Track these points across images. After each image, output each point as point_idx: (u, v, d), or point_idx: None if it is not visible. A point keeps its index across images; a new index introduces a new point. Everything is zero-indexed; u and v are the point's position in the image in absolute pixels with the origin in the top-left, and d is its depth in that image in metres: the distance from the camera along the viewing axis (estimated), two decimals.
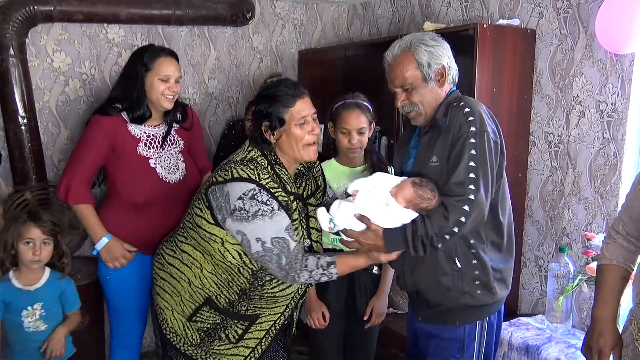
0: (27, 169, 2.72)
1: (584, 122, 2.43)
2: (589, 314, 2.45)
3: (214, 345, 1.88)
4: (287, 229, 1.73)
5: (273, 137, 1.78)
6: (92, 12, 2.81)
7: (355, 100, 2.18)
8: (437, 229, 1.65)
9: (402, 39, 1.82)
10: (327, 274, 1.74)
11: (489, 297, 1.80)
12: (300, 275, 1.74)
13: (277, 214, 1.71)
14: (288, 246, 1.71)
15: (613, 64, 2.31)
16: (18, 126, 2.68)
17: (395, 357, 2.64)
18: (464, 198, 1.64)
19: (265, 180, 1.73)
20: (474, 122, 1.67)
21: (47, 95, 2.94)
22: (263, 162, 1.78)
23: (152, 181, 2.25)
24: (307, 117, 1.78)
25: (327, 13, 3.72)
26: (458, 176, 1.66)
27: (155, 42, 3.12)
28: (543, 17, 2.55)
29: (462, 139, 1.67)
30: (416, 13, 3.23)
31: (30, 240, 2.09)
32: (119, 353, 2.45)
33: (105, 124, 2.23)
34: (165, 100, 2.25)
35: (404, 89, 1.79)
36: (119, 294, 2.35)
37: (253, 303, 1.85)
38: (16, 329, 2.13)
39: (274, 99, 1.77)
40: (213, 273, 1.84)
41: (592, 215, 2.42)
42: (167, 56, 2.27)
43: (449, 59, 1.79)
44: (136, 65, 2.25)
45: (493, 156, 1.69)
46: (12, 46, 2.61)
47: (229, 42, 3.39)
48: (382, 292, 2.29)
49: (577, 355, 2.18)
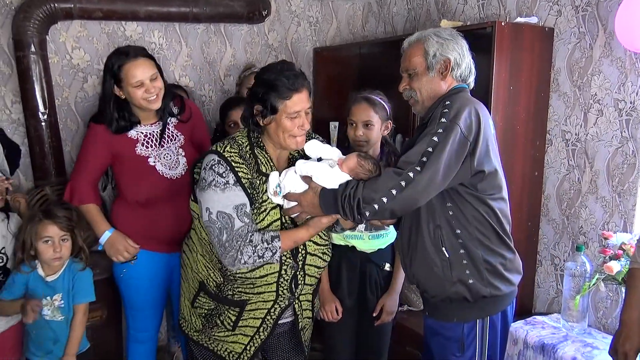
0: (46, 164, 2.75)
1: (602, 121, 2.41)
2: (605, 314, 2.44)
3: (214, 331, 1.92)
4: (237, 208, 1.73)
5: (262, 121, 1.80)
6: (111, 10, 2.84)
7: (366, 95, 2.18)
8: (365, 193, 1.65)
9: (424, 30, 1.87)
10: (271, 248, 1.74)
11: (484, 289, 1.77)
12: (243, 252, 1.71)
13: (230, 188, 1.73)
14: (232, 224, 1.71)
15: (632, 62, 2.29)
16: (38, 122, 2.71)
17: (409, 354, 2.64)
18: (404, 173, 1.63)
19: (229, 153, 1.76)
20: (447, 114, 1.67)
21: (66, 91, 2.97)
22: (242, 141, 1.82)
23: (153, 179, 2.26)
24: (300, 112, 1.78)
25: (342, 10, 3.72)
26: (409, 156, 1.66)
27: (172, 40, 3.17)
28: (561, 15, 2.53)
29: (431, 127, 1.68)
30: (432, 11, 3.22)
31: (48, 238, 2.12)
32: (135, 348, 2.48)
33: (100, 132, 2.25)
34: (149, 103, 2.19)
35: (408, 74, 1.84)
36: (133, 291, 2.37)
37: (237, 287, 1.85)
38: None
39: (272, 87, 1.76)
40: (202, 255, 1.91)
41: (610, 214, 2.41)
42: (132, 60, 2.16)
43: (459, 55, 1.80)
44: (105, 80, 2.22)
45: (455, 150, 1.65)
46: (33, 43, 2.65)
47: (245, 40, 3.41)
48: (393, 290, 2.29)
49: (594, 354, 2.18)
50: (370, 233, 2.20)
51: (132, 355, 2.48)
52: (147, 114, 2.28)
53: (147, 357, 2.50)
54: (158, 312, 2.47)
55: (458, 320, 1.81)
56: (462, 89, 1.81)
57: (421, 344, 2.56)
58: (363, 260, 2.22)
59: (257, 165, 1.81)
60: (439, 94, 1.80)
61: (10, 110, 2.83)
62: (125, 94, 2.19)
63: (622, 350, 1.63)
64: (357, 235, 2.20)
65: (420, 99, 1.82)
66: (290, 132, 1.79)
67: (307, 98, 1.80)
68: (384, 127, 2.19)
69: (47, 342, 2.18)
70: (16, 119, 2.83)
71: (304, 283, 1.93)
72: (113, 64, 2.17)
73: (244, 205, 1.75)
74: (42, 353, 2.19)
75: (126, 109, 2.24)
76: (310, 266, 1.92)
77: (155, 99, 2.20)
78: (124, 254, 2.27)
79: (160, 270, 2.37)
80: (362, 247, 2.21)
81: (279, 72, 1.77)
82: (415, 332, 2.63)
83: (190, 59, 3.25)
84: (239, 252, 1.71)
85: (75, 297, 2.20)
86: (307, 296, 2.01)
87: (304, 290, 1.97)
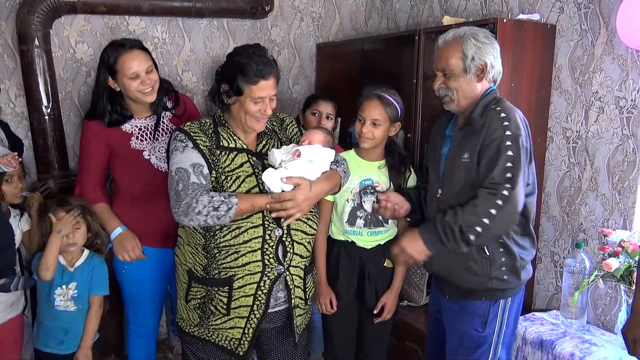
0: (50, 158, 2.76)
1: (603, 118, 2.41)
2: (604, 310, 2.45)
3: (211, 321, 1.94)
4: (194, 165, 1.83)
5: (227, 100, 1.89)
6: (114, 4, 2.85)
7: (380, 93, 2.17)
8: (466, 219, 1.75)
9: (458, 28, 1.92)
10: (227, 202, 1.77)
11: (515, 281, 1.92)
12: (199, 200, 1.75)
13: (188, 150, 1.86)
14: (188, 177, 1.81)
15: (634, 60, 2.29)
16: (42, 116, 2.72)
17: (409, 349, 2.66)
18: (498, 193, 1.74)
19: (189, 127, 1.92)
20: (509, 127, 1.78)
21: (70, 85, 2.99)
22: (207, 121, 1.96)
23: (148, 172, 2.28)
24: (264, 98, 1.86)
25: (345, 6, 3.72)
26: (495, 177, 1.76)
27: (175, 35, 3.18)
28: (563, 12, 2.53)
29: (497, 141, 1.78)
30: (435, 7, 3.22)
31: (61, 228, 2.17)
32: (135, 342, 2.50)
33: (94, 128, 2.28)
34: (144, 95, 2.21)
35: (444, 73, 1.90)
36: (134, 286, 2.40)
37: (222, 263, 1.87)
38: (47, 305, 2.20)
39: (240, 70, 1.83)
40: (187, 244, 1.97)
41: (610, 211, 2.41)
42: (128, 51, 2.18)
43: (494, 58, 1.89)
44: (100, 73, 2.24)
45: (524, 160, 1.79)
46: (37, 37, 2.65)
47: (247, 35, 3.41)
48: (395, 288, 2.29)
49: (592, 350, 2.19)
50: (369, 229, 2.21)
51: (133, 349, 2.51)
52: (141, 108, 2.28)
53: (148, 351, 2.52)
54: (158, 307, 2.49)
55: (486, 299, 1.93)
56: (494, 91, 1.93)
57: (420, 339, 2.59)
58: (362, 256, 2.23)
59: (218, 139, 1.90)
60: (475, 95, 1.90)
61: (14, 103, 2.84)
62: (120, 86, 2.20)
63: (632, 337, 1.67)
64: (356, 231, 2.21)
65: (456, 99, 1.91)
66: (251, 115, 1.88)
67: (274, 85, 1.89)
68: (392, 128, 2.19)
69: (59, 333, 2.22)
70: (20, 112, 2.84)
71: (293, 252, 1.93)
72: (109, 55, 2.19)
73: (201, 166, 1.84)
74: (53, 343, 2.22)
75: (119, 103, 2.25)
76: (297, 231, 1.93)
77: (150, 92, 2.21)
78: (130, 253, 2.28)
79: (160, 266, 2.39)
80: (362, 242, 2.22)
81: (250, 56, 1.85)
82: (415, 328, 2.65)
83: (193, 53, 3.25)
84: (194, 200, 1.76)
85: (92, 289, 2.26)
86: (297, 270, 1.98)
87: (294, 261, 1.95)
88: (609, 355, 2.16)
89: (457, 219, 1.76)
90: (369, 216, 2.20)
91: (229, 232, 1.86)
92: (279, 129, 2.08)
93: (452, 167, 1.93)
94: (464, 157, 1.87)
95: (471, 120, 1.87)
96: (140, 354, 2.50)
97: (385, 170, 2.21)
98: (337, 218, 2.23)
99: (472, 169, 1.84)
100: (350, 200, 2.19)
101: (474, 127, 1.85)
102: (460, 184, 1.89)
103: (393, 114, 2.16)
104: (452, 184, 1.93)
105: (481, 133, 1.83)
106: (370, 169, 2.22)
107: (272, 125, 2.06)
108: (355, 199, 2.19)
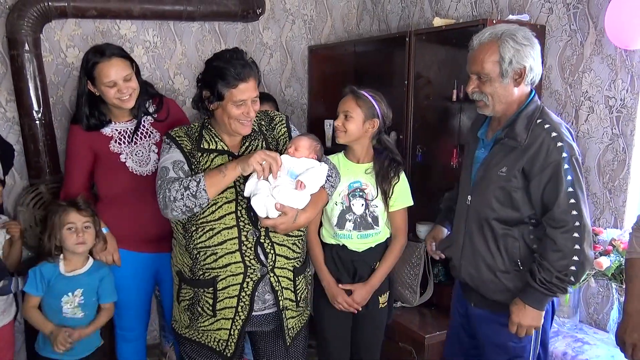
0: (41, 162, 2.76)
1: (592, 118, 2.43)
2: (596, 309, 2.46)
3: (200, 322, 1.94)
4: (174, 163, 1.89)
5: (210, 106, 1.90)
6: (105, 8, 2.85)
7: (354, 87, 2.20)
8: (557, 265, 1.71)
9: (495, 26, 1.80)
10: (194, 178, 1.80)
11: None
12: (171, 188, 1.79)
13: (172, 150, 1.93)
14: (167, 173, 1.87)
15: (622, 60, 2.31)
16: (33, 121, 2.71)
17: (403, 350, 2.66)
18: (571, 227, 1.69)
19: (174, 131, 1.98)
20: (564, 147, 1.71)
21: (61, 90, 2.98)
22: (195, 125, 2.01)
23: (123, 175, 2.27)
24: (246, 100, 1.86)
25: (336, 9, 3.73)
26: (561, 205, 1.70)
27: (167, 38, 3.18)
28: (553, 12, 2.55)
29: (554, 165, 1.70)
30: (425, 9, 3.24)
31: (72, 225, 2.19)
32: (124, 347, 2.49)
33: (77, 132, 2.29)
34: (121, 102, 2.20)
35: (478, 77, 1.80)
36: (119, 291, 2.37)
37: (204, 264, 1.88)
38: (54, 313, 2.19)
39: (219, 75, 1.85)
40: (176, 245, 1.99)
41: (600, 210, 2.42)
42: (106, 60, 2.15)
43: (533, 60, 1.78)
44: (80, 79, 2.25)
45: (581, 176, 1.74)
46: (27, 42, 2.65)
47: (239, 38, 3.42)
48: (369, 284, 2.21)
49: (585, 349, 2.20)
50: (359, 232, 2.20)
51: (122, 353, 2.50)
52: (121, 112, 2.29)
53: (137, 355, 2.51)
54: (143, 311, 2.47)
55: None
56: (535, 99, 1.85)
57: (414, 340, 2.59)
58: (354, 259, 2.22)
59: (200, 142, 1.94)
60: (511, 100, 1.81)
61: (5, 108, 2.83)
62: (99, 92, 2.21)
63: (631, 342, 1.65)
64: (346, 235, 2.20)
65: (491, 104, 1.82)
66: (235, 118, 1.88)
67: (254, 87, 1.89)
68: (369, 125, 2.17)
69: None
70: (11, 117, 2.84)
71: (275, 253, 1.92)
72: (88, 61, 2.19)
73: (182, 162, 1.89)
74: None
75: (98, 107, 2.26)
76: (277, 233, 1.90)
77: (128, 99, 2.21)
78: (108, 257, 2.29)
79: (144, 270, 2.38)
80: (353, 246, 2.21)
81: (228, 60, 1.86)
82: (409, 328, 2.65)
83: (185, 57, 3.26)
84: (166, 190, 1.80)
85: (102, 297, 2.28)
86: (284, 271, 1.95)
87: (279, 262, 1.93)
88: (602, 353, 2.17)
89: (550, 271, 1.71)
90: (358, 219, 2.19)
91: (204, 234, 1.86)
92: (266, 128, 2.06)
93: (485, 178, 1.85)
94: (501, 171, 1.79)
95: (514, 134, 1.77)
96: (128, 358, 2.49)
97: (371, 174, 2.21)
98: (326, 221, 2.23)
99: (509, 185, 1.78)
100: (339, 203, 2.19)
101: (518, 142, 1.76)
102: (493, 196, 1.83)
103: (366, 109, 2.15)
104: (484, 195, 1.86)
105: (527, 152, 1.74)
106: (358, 172, 2.21)
107: (260, 125, 2.04)
108: (343, 201, 2.19)
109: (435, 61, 2.87)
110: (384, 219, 2.23)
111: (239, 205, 1.88)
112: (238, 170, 1.82)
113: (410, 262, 2.71)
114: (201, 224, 1.87)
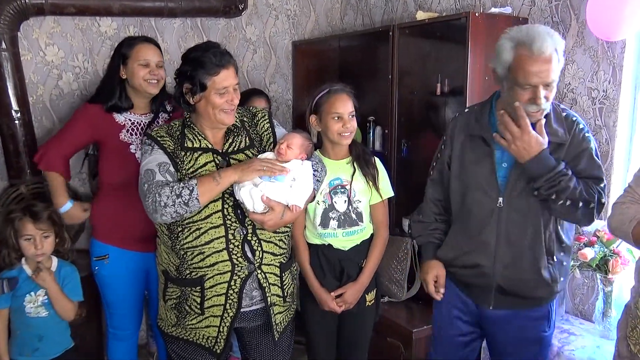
0: (21, 163, 2.72)
1: (575, 109, 2.43)
2: (582, 300, 2.47)
3: (187, 320, 1.92)
4: (160, 165, 1.85)
5: (192, 99, 1.87)
6: (84, 5, 2.80)
7: (342, 86, 2.17)
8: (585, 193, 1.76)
9: (552, 33, 1.71)
10: (187, 185, 1.77)
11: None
12: (161, 193, 1.77)
13: (155, 151, 1.88)
14: (153, 176, 1.83)
15: (604, 51, 2.32)
16: (12, 120, 2.67)
17: (390, 345, 2.67)
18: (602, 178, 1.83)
19: (155, 131, 1.94)
20: (590, 137, 1.82)
21: (41, 89, 2.93)
22: (176, 123, 1.97)
23: (131, 166, 2.25)
24: (228, 88, 1.86)
25: (320, 3, 3.71)
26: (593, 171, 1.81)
27: (148, 35, 3.13)
28: (535, 4, 2.55)
29: (588, 151, 1.81)
30: (409, 2, 3.23)
31: (29, 236, 2.13)
32: (115, 346, 2.47)
33: (89, 111, 2.32)
34: (148, 85, 2.27)
35: (545, 85, 1.69)
36: (108, 289, 2.38)
37: (191, 264, 1.87)
38: (19, 314, 2.16)
39: (199, 64, 1.83)
40: (163, 244, 1.96)
41: None
42: (144, 42, 2.31)
43: None
44: (114, 59, 2.32)
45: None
46: (3, 40, 2.60)
47: (222, 34, 3.38)
48: (360, 282, 2.20)
49: (571, 340, 2.21)
50: (344, 229, 2.18)
51: (112, 353, 2.48)
52: (141, 102, 2.33)
53: (128, 354, 2.49)
54: (135, 310, 2.46)
55: (546, 304, 1.91)
56: None
57: (402, 335, 2.59)
58: (341, 257, 2.20)
59: (183, 141, 1.90)
60: None
61: None
62: (129, 74, 2.26)
63: None
64: (330, 233, 2.17)
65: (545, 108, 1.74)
66: (220, 108, 1.86)
67: (234, 74, 1.88)
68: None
69: (33, 340, 2.17)
70: None
71: (262, 250, 1.90)
72: (125, 43, 2.30)
73: (167, 164, 1.86)
74: (28, 351, 2.18)
75: (123, 91, 2.31)
76: (263, 230, 1.89)
77: (155, 84, 2.29)
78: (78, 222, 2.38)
79: (135, 269, 2.37)
80: (338, 244, 2.19)
81: (205, 49, 1.86)
82: (396, 323, 2.65)
83: (167, 54, 3.21)
84: (157, 195, 1.77)
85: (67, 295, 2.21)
86: (272, 268, 1.94)
87: (267, 259, 1.92)
88: (588, 344, 2.19)
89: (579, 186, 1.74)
90: (341, 216, 2.17)
91: (190, 234, 1.84)
92: (249, 124, 2.04)
93: (522, 179, 1.79)
94: None
95: (553, 131, 1.77)
96: (119, 357, 2.47)
97: (351, 167, 2.19)
98: (309, 222, 2.20)
99: None
100: (322, 202, 2.16)
101: (559, 137, 1.77)
102: (533, 200, 1.79)
103: (356, 106, 2.18)
104: (523, 199, 1.80)
105: (565, 145, 1.78)
106: (338, 168, 2.19)
107: (242, 121, 2.02)
108: (326, 200, 2.16)
109: (419, 55, 2.86)
110: (367, 214, 2.22)
111: (225, 204, 1.86)
112: (234, 179, 1.81)
113: (397, 257, 2.71)
114: (187, 224, 1.84)
